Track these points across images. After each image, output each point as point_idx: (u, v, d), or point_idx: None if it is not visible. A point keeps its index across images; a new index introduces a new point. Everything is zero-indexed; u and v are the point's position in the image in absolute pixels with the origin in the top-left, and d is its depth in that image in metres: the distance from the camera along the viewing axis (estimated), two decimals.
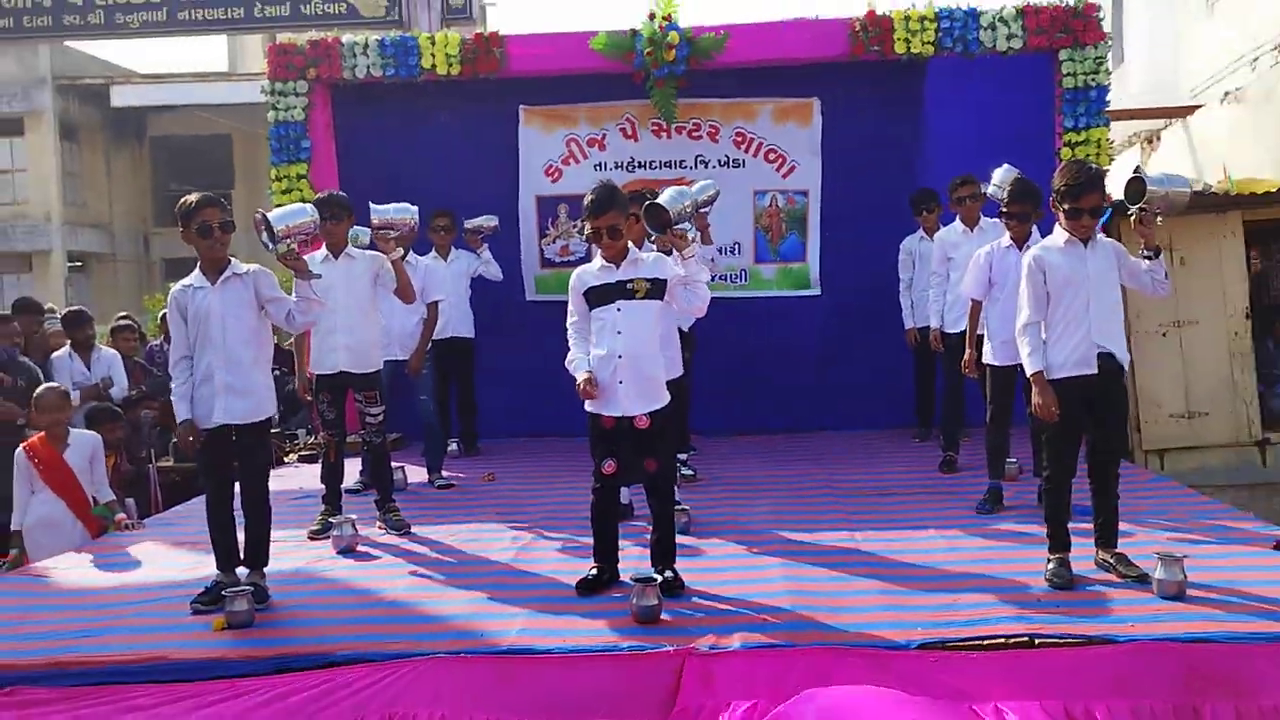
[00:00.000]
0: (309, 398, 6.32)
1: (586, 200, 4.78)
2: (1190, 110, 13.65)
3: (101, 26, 15.16)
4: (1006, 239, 6.20)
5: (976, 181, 7.07)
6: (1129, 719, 3.87)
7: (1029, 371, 4.87)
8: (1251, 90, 12.01)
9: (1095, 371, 4.80)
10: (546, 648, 4.14)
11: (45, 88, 25.60)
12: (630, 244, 4.88)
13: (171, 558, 5.81)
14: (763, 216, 9.25)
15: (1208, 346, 8.55)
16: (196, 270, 4.97)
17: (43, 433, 6.50)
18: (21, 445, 6.52)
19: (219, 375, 4.84)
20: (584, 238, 4.78)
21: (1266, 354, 9.23)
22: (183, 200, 4.90)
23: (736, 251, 9.28)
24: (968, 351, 6.43)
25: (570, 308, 4.95)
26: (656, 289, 4.82)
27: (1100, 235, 4.90)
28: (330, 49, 8.60)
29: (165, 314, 10.62)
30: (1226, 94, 12.63)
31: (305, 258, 5.44)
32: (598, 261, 4.92)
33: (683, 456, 7.15)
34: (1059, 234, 4.89)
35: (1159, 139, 15.01)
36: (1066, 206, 4.76)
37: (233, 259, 4.98)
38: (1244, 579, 4.61)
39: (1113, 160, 9.12)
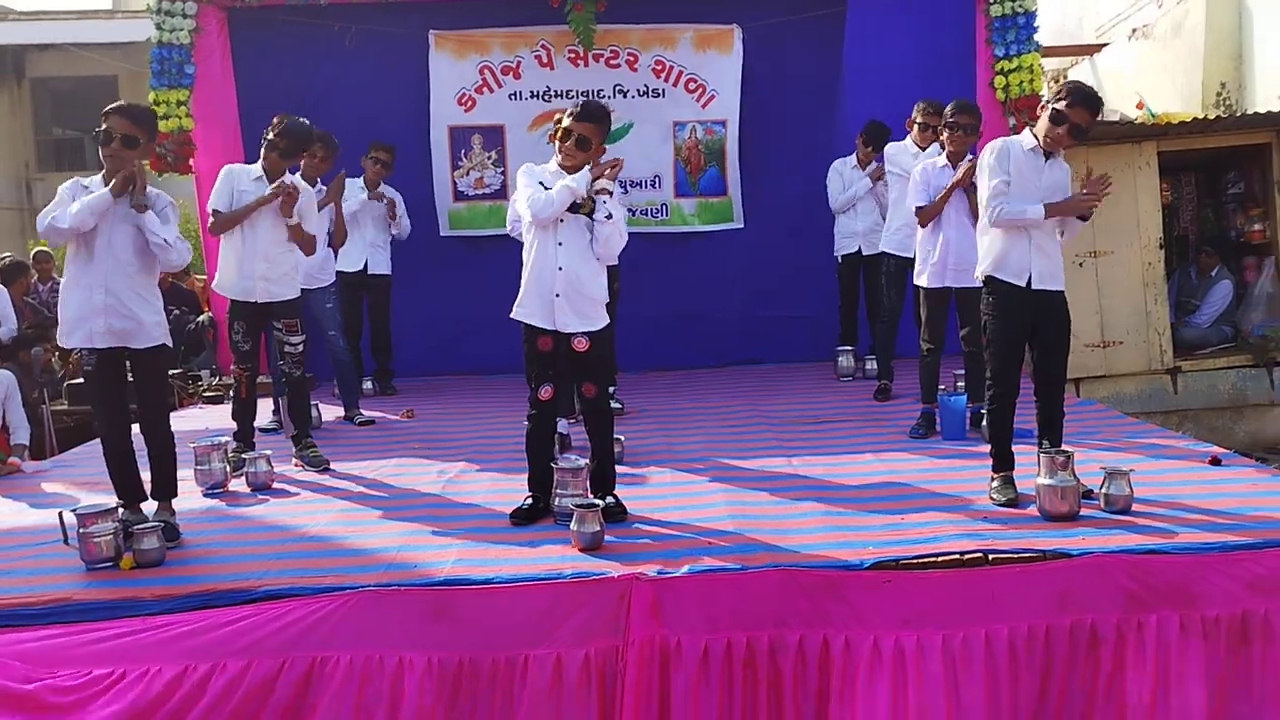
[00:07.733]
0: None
1: (578, 104, 4.66)
2: (1097, 48, 13.75)
3: None
4: (942, 159, 6.10)
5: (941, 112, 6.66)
6: (1069, 636, 3.83)
7: (1032, 214, 4.55)
8: (1159, 25, 12.12)
9: (1031, 285, 4.66)
10: (485, 577, 3.92)
11: None
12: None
13: (72, 498, 5.44)
14: (683, 149, 9.02)
15: (1122, 277, 8.59)
16: (99, 176, 4.63)
17: None
18: None
19: (98, 296, 4.50)
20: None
21: (1188, 283, 9.34)
22: None
23: (656, 185, 9.05)
24: None
25: (523, 184, 4.67)
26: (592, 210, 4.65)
27: (1060, 155, 4.71)
28: None
29: (40, 250, 10.07)
30: (1134, 30, 12.73)
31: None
32: (553, 163, 4.71)
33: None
34: (1026, 137, 4.72)
35: (1065, 77, 15.14)
36: (1054, 109, 4.52)
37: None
38: (1186, 493, 4.61)
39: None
